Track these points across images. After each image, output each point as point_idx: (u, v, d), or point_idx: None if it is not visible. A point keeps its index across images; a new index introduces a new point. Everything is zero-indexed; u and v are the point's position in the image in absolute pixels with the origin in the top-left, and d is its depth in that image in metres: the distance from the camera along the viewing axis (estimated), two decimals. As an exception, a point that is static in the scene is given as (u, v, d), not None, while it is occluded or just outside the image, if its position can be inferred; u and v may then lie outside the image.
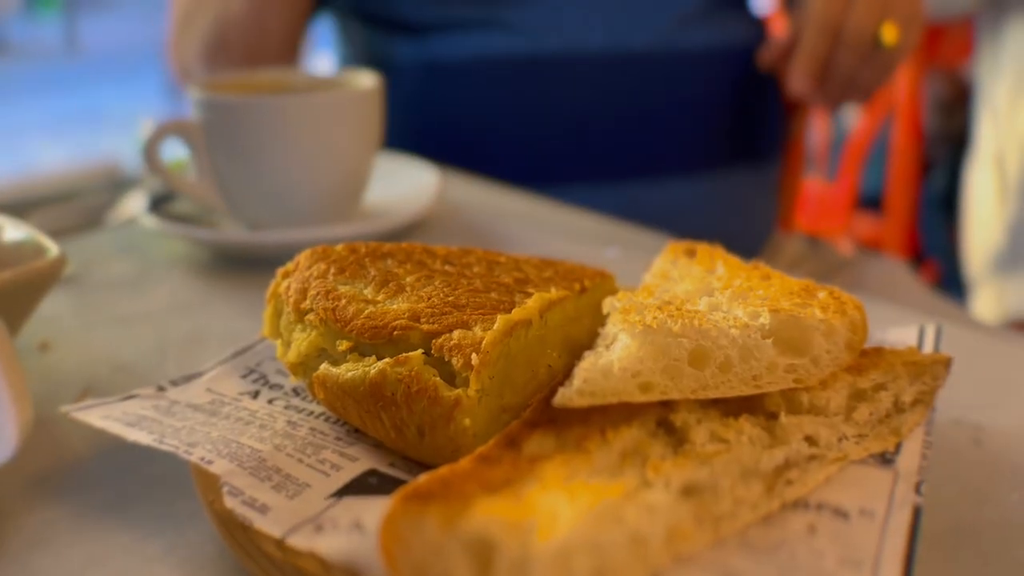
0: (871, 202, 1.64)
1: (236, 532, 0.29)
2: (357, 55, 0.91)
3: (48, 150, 5.80)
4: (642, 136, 0.86)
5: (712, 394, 0.29)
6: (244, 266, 0.57)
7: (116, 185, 0.75)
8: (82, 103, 6.99)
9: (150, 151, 0.55)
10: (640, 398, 0.28)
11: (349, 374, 0.31)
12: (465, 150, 0.83)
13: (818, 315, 0.31)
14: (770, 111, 0.96)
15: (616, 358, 0.28)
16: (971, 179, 1.40)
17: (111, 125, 6.19)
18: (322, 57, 1.95)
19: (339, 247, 0.37)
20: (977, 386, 0.43)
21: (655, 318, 0.30)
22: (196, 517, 0.33)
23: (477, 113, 0.85)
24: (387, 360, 0.30)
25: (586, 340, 0.34)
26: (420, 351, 0.30)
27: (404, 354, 0.30)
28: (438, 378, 0.29)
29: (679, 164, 0.88)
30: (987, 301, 1.32)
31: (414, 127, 0.88)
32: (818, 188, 1.66)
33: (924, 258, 1.68)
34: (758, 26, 0.94)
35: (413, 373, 0.29)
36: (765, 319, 0.31)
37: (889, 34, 0.70)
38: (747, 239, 0.96)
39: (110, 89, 7.49)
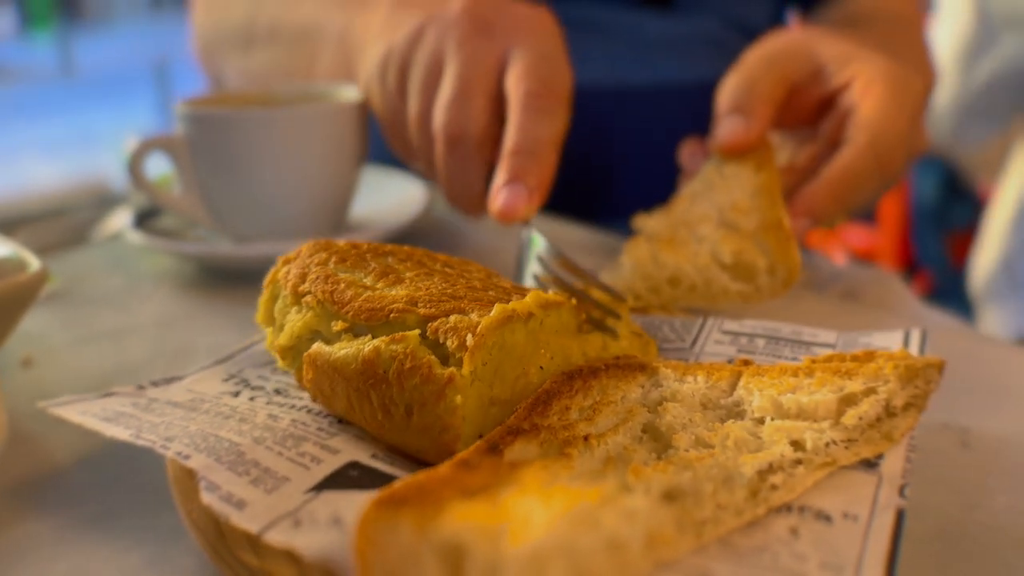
0: (864, 214, 1.65)
1: (215, 541, 0.29)
2: None
3: (42, 171, 5.80)
4: (647, 174, 0.84)
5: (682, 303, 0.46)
6: (230, 280, 0.57)
7: (103, 201, 0.74)
8: (76, 124, 7.01)
9: (134, 166, 0.55)
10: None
11: (341, 352, 0.31)
12: None
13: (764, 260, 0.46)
14: None
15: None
16: (996, 200, 1.41)
17: (105, 146, 6.21)
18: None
19: (341, 242, 0.37)
20: (965, 390, 0.43)
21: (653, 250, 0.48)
22: (178, 530, 0.33)
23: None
24: (382, 338, 0.30)
25: (577, 356, 0.34)
26: (417, 331, 0.30)
27: (400, 333, 0.30)
28: (432, 356, 0.29)
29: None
30: (992, 320, 1.33)
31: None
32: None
33: (917, 269, 1.69)
34: None
35: (408, 350, 0.29)
36: (727, 259, 0.47)
37: (840, 221, 0.63)
38: None
39: (104, 110, 7.51)
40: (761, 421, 0.30)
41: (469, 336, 0.29)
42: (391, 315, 0.30)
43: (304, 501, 0.27)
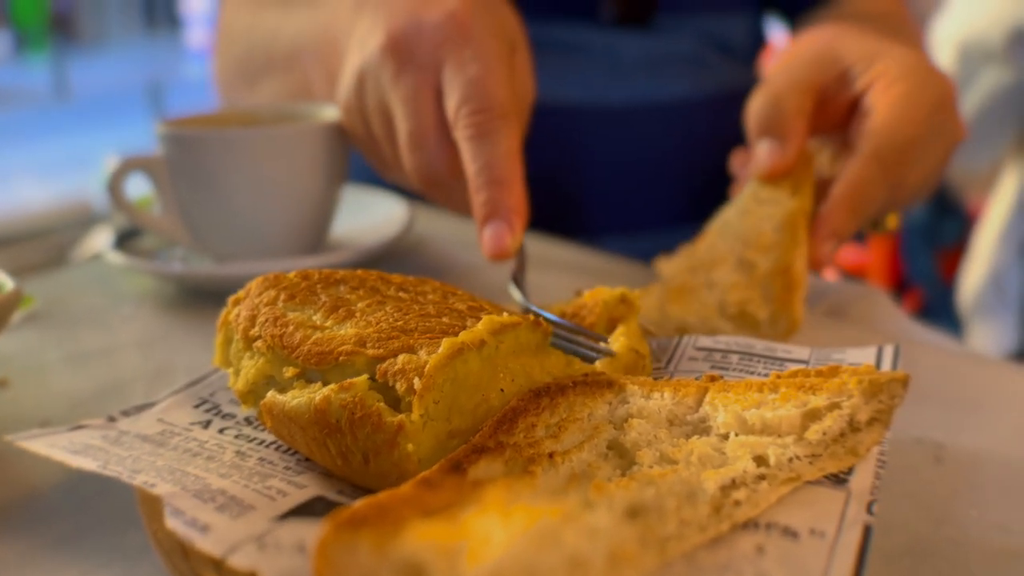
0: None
1: (178, 562, 0.28)
2: None
3: (34, 194, 5.80)
4: (626, 194, 0.84)
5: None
6: (210, 299, 0.57)
7: (85, 221, 0.74)
8: (70, 147, 7.02)
9: (114, 186, 0.55)
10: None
11: (295, 402, 0.30)
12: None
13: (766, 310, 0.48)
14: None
15: None
16: (985, 217, 1.42)
17: (98, 169, 6.20)
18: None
19: (291, 274, 0.37)
20: (939, 405, 0.43)
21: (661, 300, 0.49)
22: (146, 550, 0.33)
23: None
24: (332, 386, 0.30)
25: (540, 375, 0.34)
26: (365, 376, 0.30)
27: (348, 380, 0.29)
28: (382, 403, 0.29)
29: (662, 221, 0.85)
30: (981, 336, 1.34)
31: None
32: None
33: (908, 286, 1.69)
34: (750, 69, 0.94)
35: (356, 399, 0.29)
36: (731, 310, 0.48)
37: (892, 221, 0.62)
38: None
39: (98, 133, 7.53)
40: (726, 437, 0.30)
41: (416, 379, 0.28)
42: (340, 358, 0.30)
43: (269, 528, 0.27)
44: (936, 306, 1.58)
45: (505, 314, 0.35)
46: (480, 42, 0.49)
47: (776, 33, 0.98)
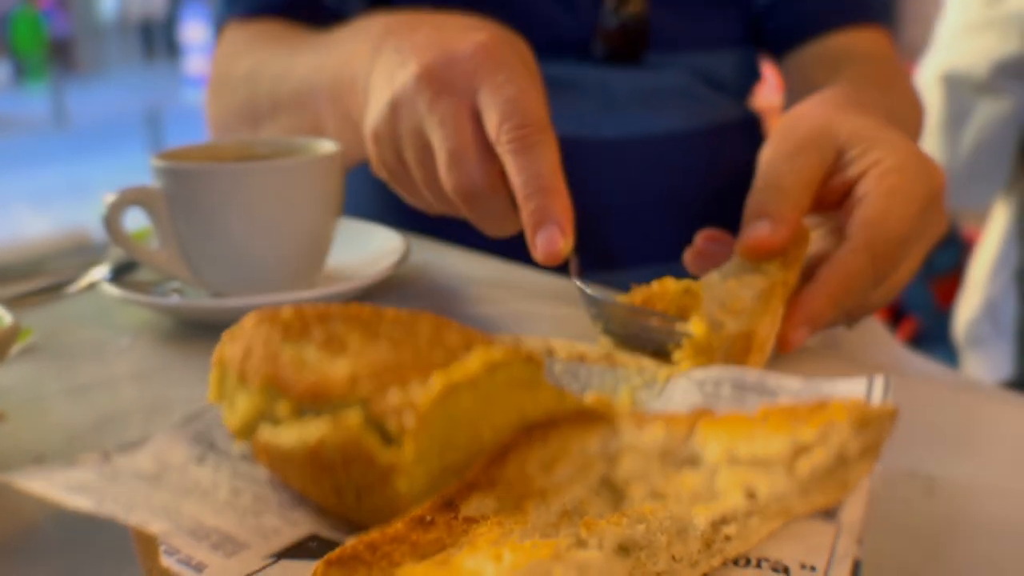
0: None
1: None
2: None
3: (32, 221, 5.82)
4: (620, 227, 0.84)
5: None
6: (207, 333, 0.57)
7: (83, 253, 0.75)
8: (68, 175, 7.05)
9: (111, 220, 0.56)
10: None
11: (289, 440, 0.31)
12: (440, 228, 0.83)
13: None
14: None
15: None
16: (980, 245, 1.43)
17: (97, 197, 6.23)
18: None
19: (285, 309, 0.37)
20: (931, 437, 0.43)
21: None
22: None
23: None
24: (325, 424, 0.30)
25: (532, 409, 0.34)
26: (359, 414, 0.30)
27: (342, 418, 0.30)
28: (375, 441, 0.29)
29: (656, 254, 0.86)
30: (977, 365, 1.34)
31: (388, 197, 0.88)
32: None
33: (903, 314, 1.70)
34: (744, 103, 0.95)
35: (349, 437, 0.29)
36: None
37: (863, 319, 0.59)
38: None
39: (96, 161, 7.56)
40: (716, 471, 0.30)
41: (410, 417, 0.29)
42: (333, 395, 0.31)
43: (263, 566, 0.27)
44: (932, 333, 1.58)
45: (498, 348, 0.35)
46: (512, 68, 0.52)
47: (769, 69, 0.99)
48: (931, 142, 1.35)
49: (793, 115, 0.58)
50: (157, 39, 13.92)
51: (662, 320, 0.41)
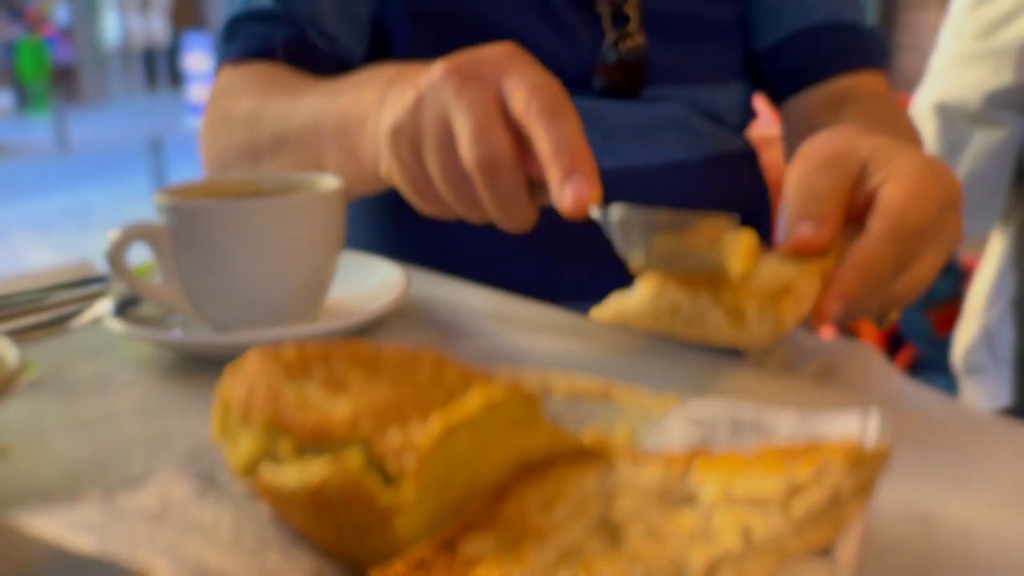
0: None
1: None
2: None
3: (34, 248, 5.83)
4: (612, 255, 0.86)
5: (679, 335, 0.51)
6: (209, 367, 0.58)
7: (88, 283, 0.75)
8: (71, 202, 7.08)
9: (115, 256, 0.56)
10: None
11: (291, 480, 0.31)
12: (439, 262, 0.83)
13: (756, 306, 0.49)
14: (759, 220, 0.96)
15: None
16: (977, 272, 1.44)
17: (98, 223, 6.27)
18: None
19: (288, 348, 0.38)
20: (928, 472, 0.43)
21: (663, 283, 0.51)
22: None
23: (443, 225, 0.86)
24: (326, 464, 0.30)
25: (531, 447, 0.34)
26: (359, 455, 0.30)
27: (342, 458, 0.30)
28: (375, 482, 0.29)
29: None
30: (975, 393, 1.34)
31: (379, 234, 0.90)
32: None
33: (902, 341, 1.70)
34: (742, 135, 0.96)
35: (350, 478, 0.29)
36: (726, 302, 0.50)
37: (894, 314, 0.64)
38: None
39: (98, 188, 7.59)
40: (713, 511, 0.31)
41: (410, 459, 0.29)
42: (334, 435, 0.31)
43: (263, 604, 0.28)
44: (931, 361, 1.59)
45: (497, 387, 0.35)
46: (535, 64, 0.54)
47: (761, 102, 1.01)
48: None
49: (813, 141, 0.60)
50: (160, 68, 14.05)
51: (709, 229, 0.46)
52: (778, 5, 0.93)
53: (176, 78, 13.23)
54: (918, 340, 1.66)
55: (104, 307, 0.63)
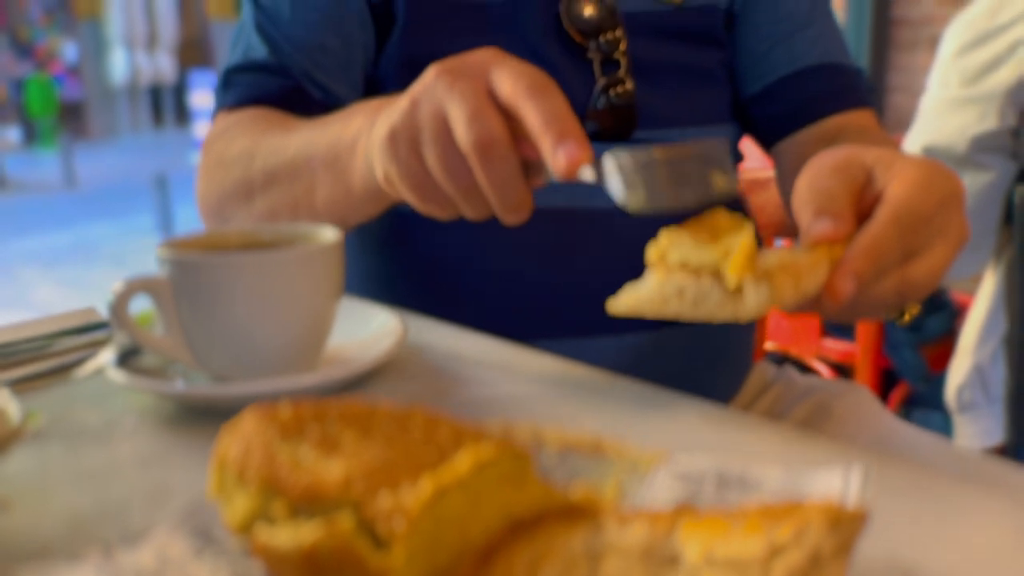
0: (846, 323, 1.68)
1: None
2: None
3: (40, 282, 5.86)
4: (612, 291, 0.87)
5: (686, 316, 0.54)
6: (210, 418, 0.59)
7: (91, 330, 0.77)
8: (76, 237, 7.12)
9: (118, 309, 0.58)
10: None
11: (284, 541, 0.32)
12: (433, 301, 0.85)
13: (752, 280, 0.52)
14: None
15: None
16: (970, 311, 1.45)
17: (104, 259, 6.31)
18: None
19: (283, 407, 0.39)
20: (912, 525, 0.44)
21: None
22: None
23: (440, 264, 0.88)
24: (318, 527, 0.31)
25: (520, 505, 0.35)
26: (351, 518, 0.31)
27: (334, 521, 0.31)
28: (366, 546, 0.30)
29: (644, 320, 0.89)
30: (969, 431, 1.35)
31: (375, 273, 0.91)
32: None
33: (897, 380, 1.71)
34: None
35: (341, 541, 0.30)
36: (730, 281, 0.52)
37: (913, 309, 0.65)
38: (726, 379, 0.97)
39: (104, 223, 7.64)
40: (696, 573, 0.31)
41: (400, 522, 0.30)
42: (327, 497, 0.32)
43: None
44: (925, 398, 1.59)
45: (487, 445, 0.36)
46: (518, 59, 0.58)
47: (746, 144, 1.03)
48: None
49: (819, 155, 0.63)
50: (166, 105, 14.23)
51: (703, 150, 0.51)
52: (766, 52, 0.96)
53: (182, 115, 13.38)
54: (912, 377, 1.66)
55: (107, 356, 0.64)
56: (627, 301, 0.55)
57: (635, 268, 0.91)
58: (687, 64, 0.92)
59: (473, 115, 0.55)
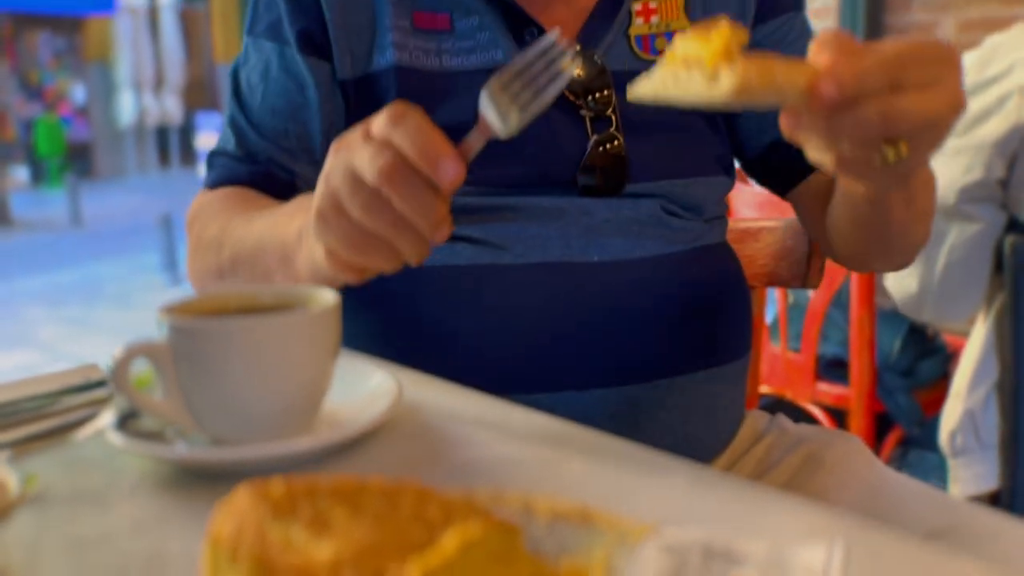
0: (840, 364, 1.68)
1: None
2: None
3: (45, 322, 5.88)
4: (606, 344, 0.89)
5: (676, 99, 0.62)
6: (208, 481, 0.60)
7: (93, 387, 0.78)
8: (81, 276, 7.16)
9: (118, 374, 0.59)
10: None
11: (274, 622, 0.33)
12: (425, 354, 0.86)
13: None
14: (738, 307, 0.99)
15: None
16: (962, 356, 1.46)
17: (108, 298, 6.34)
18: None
19: (275, 485, 0.40)
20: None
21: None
22: None
23: (436, 317, 0.89)
24: None
25: None
26: None
27: None
28: None
29: (643, 370, 0.90)
30: (963, 477, 1.35)
31: (372, 327, 0.92)
32: (783, 355, 1.70)
33: (891, 424, 1.71)
34: (717, 230, 1.00)
35: (329, 628, 0.31)
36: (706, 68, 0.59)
37: (903, 148, 0.62)
38: (719, 430, 0.98)
39: (109, 262, 7.68)
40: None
41: None
42: None
43: None
44: (921, 438, 1.60)
45: (475, 523, 0.37)
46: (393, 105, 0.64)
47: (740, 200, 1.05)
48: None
49: None
50: (172, 145, 14.40)
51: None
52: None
53: (188, 155, 13.53)
54: (906, 422, 1.67)
55: (107, 419, 0.65)
56: (640, 88, 0.64)
57: (625, 320, 0.92)
58: (674, 120, 0.95)
59: (372, 156, 0.61)
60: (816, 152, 0.64)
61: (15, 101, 13.11)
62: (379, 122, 0.63)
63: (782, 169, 1.01)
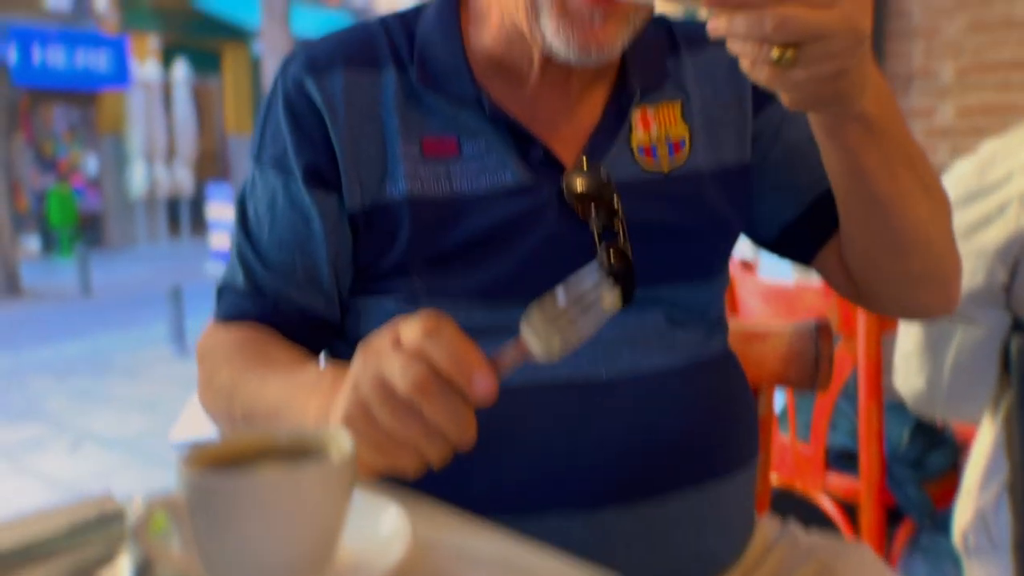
0: (849, 455, 1.68)
1: None
2: None
3: (51, 393, 5.87)
4: (619, 463, 0.89)
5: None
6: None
7: (108, 523, 0.79)
8: (90, 347, 7.18)
9: (138, 529, 0.60)
10: None
11: None
12: (431, 477, 0.87)
13: None
14: (742, 415, 1.00)
15: None
16: (972, 453, 1.46)
17: (115, 370, 6.34)
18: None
19: None
20: None
21: None
22: None
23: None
24: None
25: None
26: None
27: None
28: None
29: (654, 484, 0.90)
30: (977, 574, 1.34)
31: None
32: (792, 446, 1.70)
33: (901, 517, 1.70)
34: (719, 336, 1.01)
35: None
36: None
37: (788, 53, 0.67)
38: (733, 539, 0.98)
39: (118, 333, 7.70)
40: None
41: None
42: None
43: None
44: (933, 532, 1.58)
45: None
46: (418, 316, 0.68)
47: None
48: (913, 363, 1.41)
49: None
50: (183, 216, 14.58)
51: None
52: (789, 182, 1.01)
53: (199, 226, 13.68)
54: (917, 515, 1.65)
55: (124, 566, 0.66)
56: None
57: (636, 437, 0.93)
58: (677, 225, 0.97)
59: (403, 367, 0.63)
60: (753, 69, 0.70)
61: (29, 173, 13.34)
62: (411, 332, 0.65)
63: (806, 241, 1.03)
